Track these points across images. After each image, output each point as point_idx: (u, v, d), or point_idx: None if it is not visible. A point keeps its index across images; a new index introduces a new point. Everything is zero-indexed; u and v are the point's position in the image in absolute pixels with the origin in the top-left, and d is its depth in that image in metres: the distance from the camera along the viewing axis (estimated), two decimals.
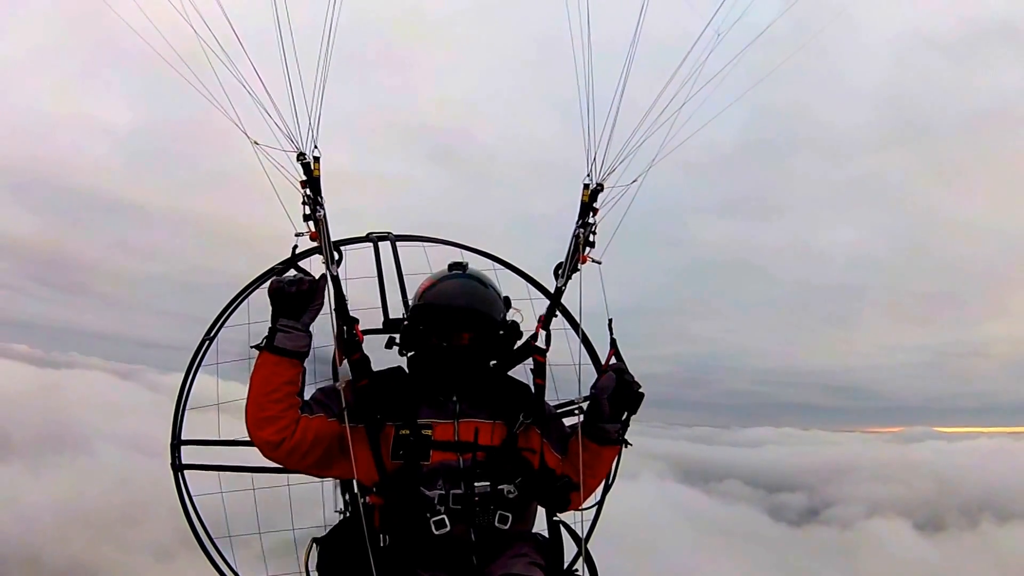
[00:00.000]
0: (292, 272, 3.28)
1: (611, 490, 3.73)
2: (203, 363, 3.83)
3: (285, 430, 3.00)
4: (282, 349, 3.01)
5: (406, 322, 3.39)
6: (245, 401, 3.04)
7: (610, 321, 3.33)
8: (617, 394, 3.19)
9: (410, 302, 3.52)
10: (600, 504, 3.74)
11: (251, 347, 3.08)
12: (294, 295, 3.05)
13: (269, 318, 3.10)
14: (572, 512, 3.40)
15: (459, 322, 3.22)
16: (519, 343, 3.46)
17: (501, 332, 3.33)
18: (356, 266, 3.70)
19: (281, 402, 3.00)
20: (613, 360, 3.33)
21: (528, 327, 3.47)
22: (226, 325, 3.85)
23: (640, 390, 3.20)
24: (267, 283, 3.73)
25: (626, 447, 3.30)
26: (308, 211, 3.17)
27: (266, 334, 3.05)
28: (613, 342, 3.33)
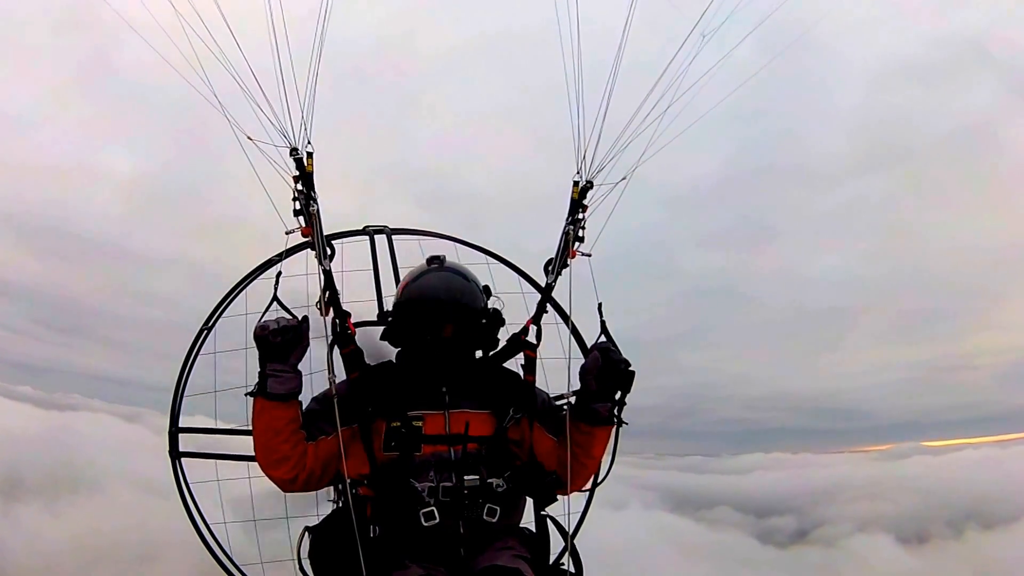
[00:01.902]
0: (274, 313, 3.24)
1: (600, 486, 3.74)
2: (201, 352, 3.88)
3: (297, 466, 3.12)
4: (276, 394, 3.07)
5: (390, 319, 3.42)
6: (254, 445, 3.14)
7: (600, 305, 3.31)
8: (604, 372, 3.08)
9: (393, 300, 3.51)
10: (588, 500, 3.76)
11: (246, 395, 3.14)
12: (279, 344, 3.07)
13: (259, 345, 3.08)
14: (560, 507, 3.42)
15: (441, 314, 3.25)
16: (509, 337, 3.48)
17: (483, 320, 3.36)
18: (352, 261, 3.73)
19: (288, 441, 3.09)
20: (602, 340, 3.24)
21: (516, 318, 3.49)
22: (224, 315, 3.90)
23: (630, 368, 3.08)
24: (265, 274, 3.79)
25: (622, 426, 3.21)
26: (299, 206, 3.21)
27: (257, 380, 3.10)
28: (603, 324, 3.28)
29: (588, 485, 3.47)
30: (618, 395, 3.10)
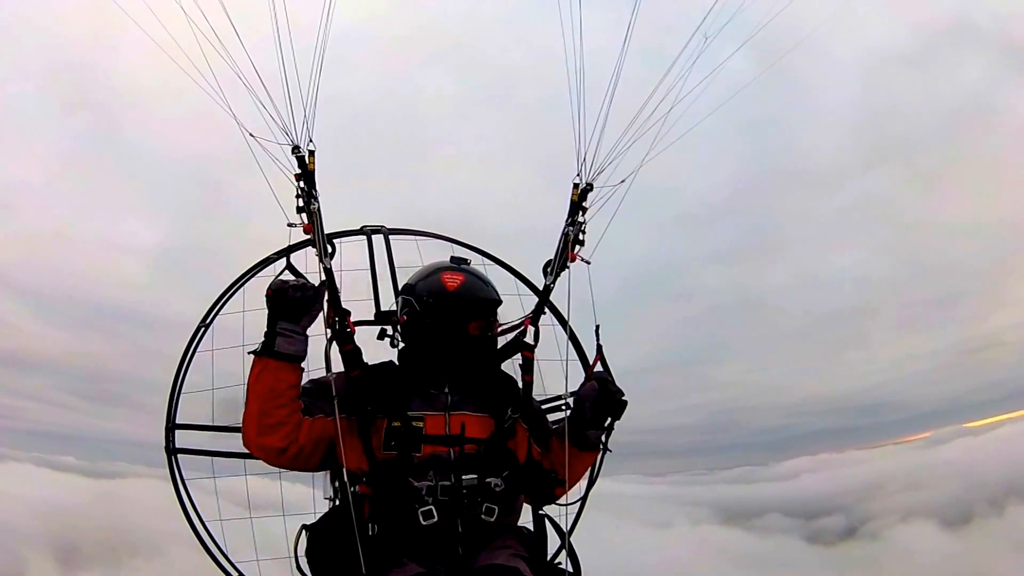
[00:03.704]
0: (289, 275, 3.24)
1: (595, 486, 3.78)
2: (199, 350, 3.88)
3: (290, 435, 3.03)
4: (285, 354, 3.00)
5: (406, 315, 3.36)
6: (244, 409, 3.03)
7: (597, 328, 3.38)
8: (599, 402, 3.25)
9: (407, 295, 3.46)
10: (584, 499, 3.80)
11: (249, 352, 3.05)
12: (298, 300, 3.02)
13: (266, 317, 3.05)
14: (557, 507, 3.46)
15: (479, 310, 3.28)
16: (509, 338, 3.51)
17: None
18: (349, 259, 3.74)
19: (286, 406, 3.01)
20: (599, 367, 3.37)
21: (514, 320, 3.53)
22: (221, 312, 3.90)
23: (623, 398, 3.24)
24: (263, 271, 3.80)
25: (607, 453, 3.38)
26: (301, 204, 3.22)
27: (263, 339, 3.01)
28: (599, 348, 3.38)
29: (563, 500, 3.49)
30: (608, 422, 3.28)
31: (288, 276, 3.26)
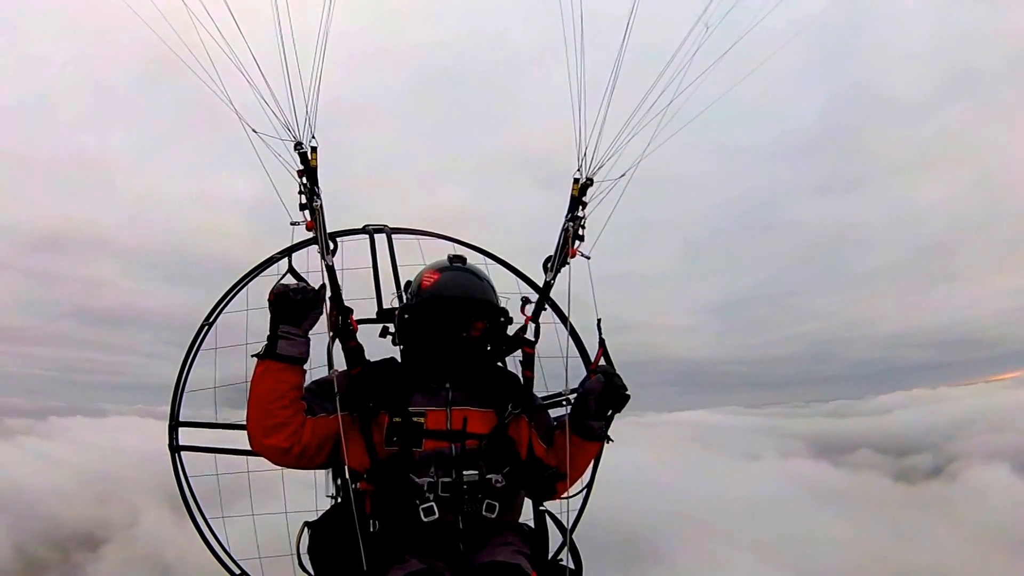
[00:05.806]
0: (292, 279, 3.27)
1: (595, 484, 3.78)
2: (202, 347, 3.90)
3: (294, 435, 3.05)
4: (286, 356, 3.03)
5: (407, 315, 3.39)
6: (247, 410, 3.04)
7: (599, 321, 3.37)
8: (604, 395, 3.26)
9: (408, 293, 3.52)
10: (586, 497, 3.78)
11: (252, 356, 3.08)
12: (298, 303, 3.07)
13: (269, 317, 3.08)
14: (559, 503, 3.45)
15: (473, 312, 3.28)
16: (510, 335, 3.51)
17: (501, 319, 3.42)
18: (351, 258, 3.75)
19: (288, 407, 3.03)
20: (602, 361, 3.37)
21: (516, 320, 3.52)
22: (224, 312, 3.92)
23: (626, 392, 3.26)
24: (266, 271, 3.82)
25: (607, 443, 3.39)
26: (305, 200, 3.23)
27: (266, 342, 3.05)
28: (602, 342, 3.38)
29: (569, 492, 3.49)
30: (609, 413, 3.30)
31: (290, 280, 3.27)
